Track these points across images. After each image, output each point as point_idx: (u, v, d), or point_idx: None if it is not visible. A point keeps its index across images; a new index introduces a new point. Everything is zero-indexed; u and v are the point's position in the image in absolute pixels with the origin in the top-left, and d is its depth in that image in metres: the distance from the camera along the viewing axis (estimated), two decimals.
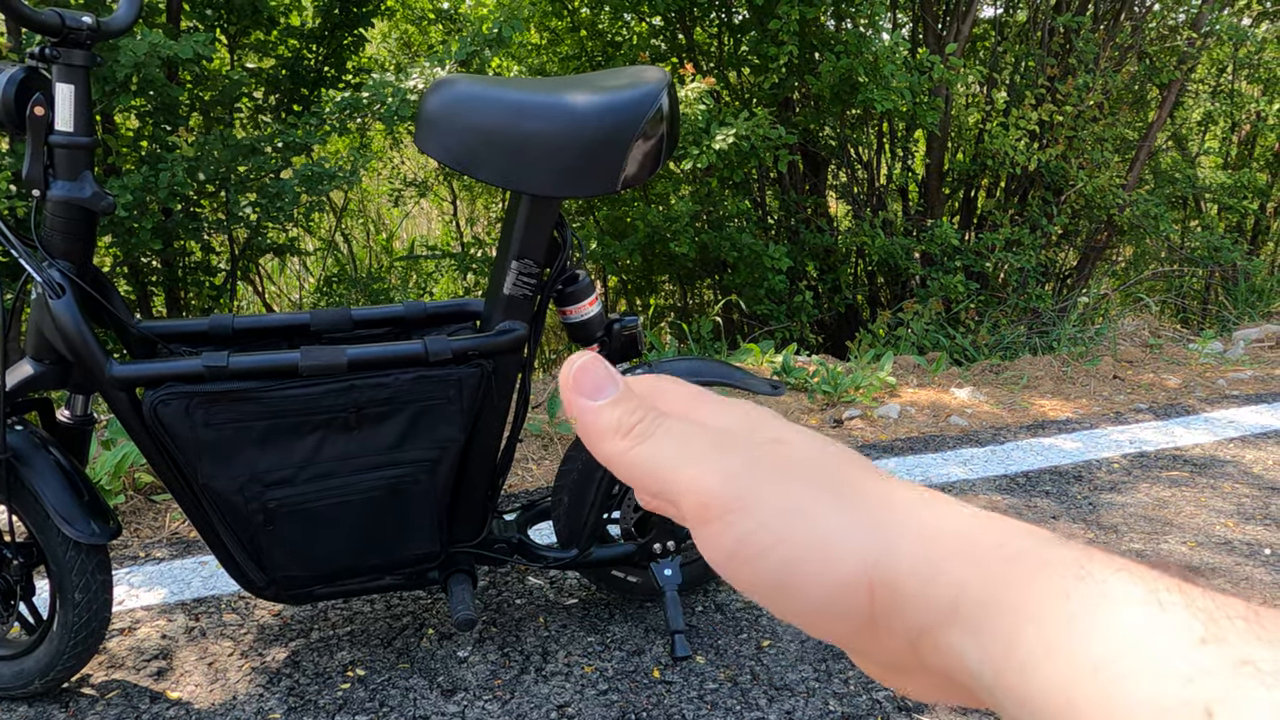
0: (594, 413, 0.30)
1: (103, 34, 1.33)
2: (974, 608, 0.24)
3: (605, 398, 0.30)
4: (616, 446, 0.29)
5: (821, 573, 0.26)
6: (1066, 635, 0.22)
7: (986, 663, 0.23)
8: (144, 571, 2.02)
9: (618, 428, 0.29)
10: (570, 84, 1.49)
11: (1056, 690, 0.22)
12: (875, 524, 0.26)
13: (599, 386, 0.30)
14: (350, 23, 4.46)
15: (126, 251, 3.53)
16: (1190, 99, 6.64)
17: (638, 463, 0.29)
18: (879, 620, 0.26)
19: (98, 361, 1.36)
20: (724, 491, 0.27)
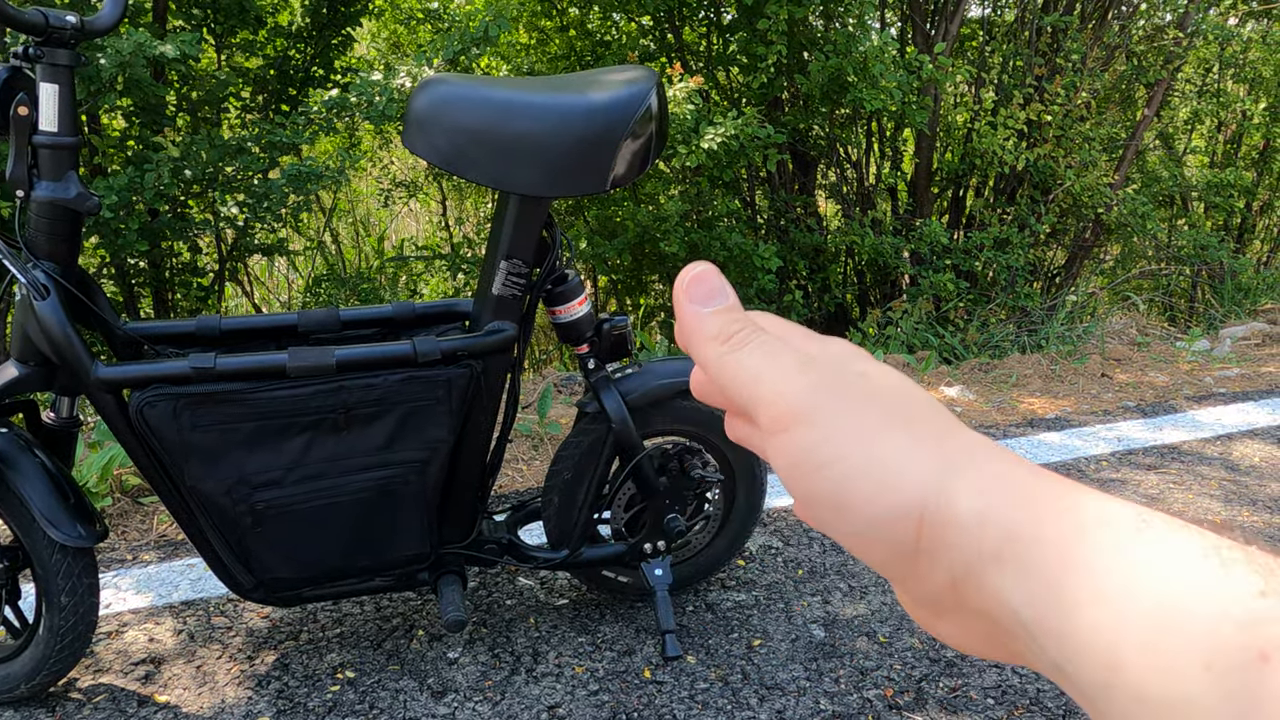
0: (700, 318, 0.32)
1: (87, 33, 1.32)
2: (1023, 550, 0.24)
3: (713, 306, 0.32)
4: (714, 350, 0.31)
5: (876, 495, 0.27)
6: (1120, 582, 0.22)
7: (1030, 605, 0.24)
8: (131, 574, 2.01)
9: (718, 334, 0.31)
10: (559, 83, 1.49)
11: (1103, 631, 0.22)
12: (937, 460, 0.27)
13: (710, 294, 0.32)
14: (338, 22, 4.45)
15: (113, 253, 3.51)
16: (1177, 98, 6.68)
17: (729, 368, 0.31)
18: (923, 553, 0.27)
19: (83, 363, 1.35)
20: (799, 403, 0.29)
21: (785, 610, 1.91)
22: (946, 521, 0.26)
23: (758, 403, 0.30)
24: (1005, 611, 0.25)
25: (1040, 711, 1.62)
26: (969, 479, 0.26)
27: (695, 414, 1.76)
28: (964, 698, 1.66)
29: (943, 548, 0.26)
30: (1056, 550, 0.24)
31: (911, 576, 0.28)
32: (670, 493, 1.74)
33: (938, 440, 0.28)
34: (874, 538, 0.27)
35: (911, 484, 0.27)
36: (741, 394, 0.30)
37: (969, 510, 0.26)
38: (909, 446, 0.27)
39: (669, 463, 1.74)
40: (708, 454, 1.78)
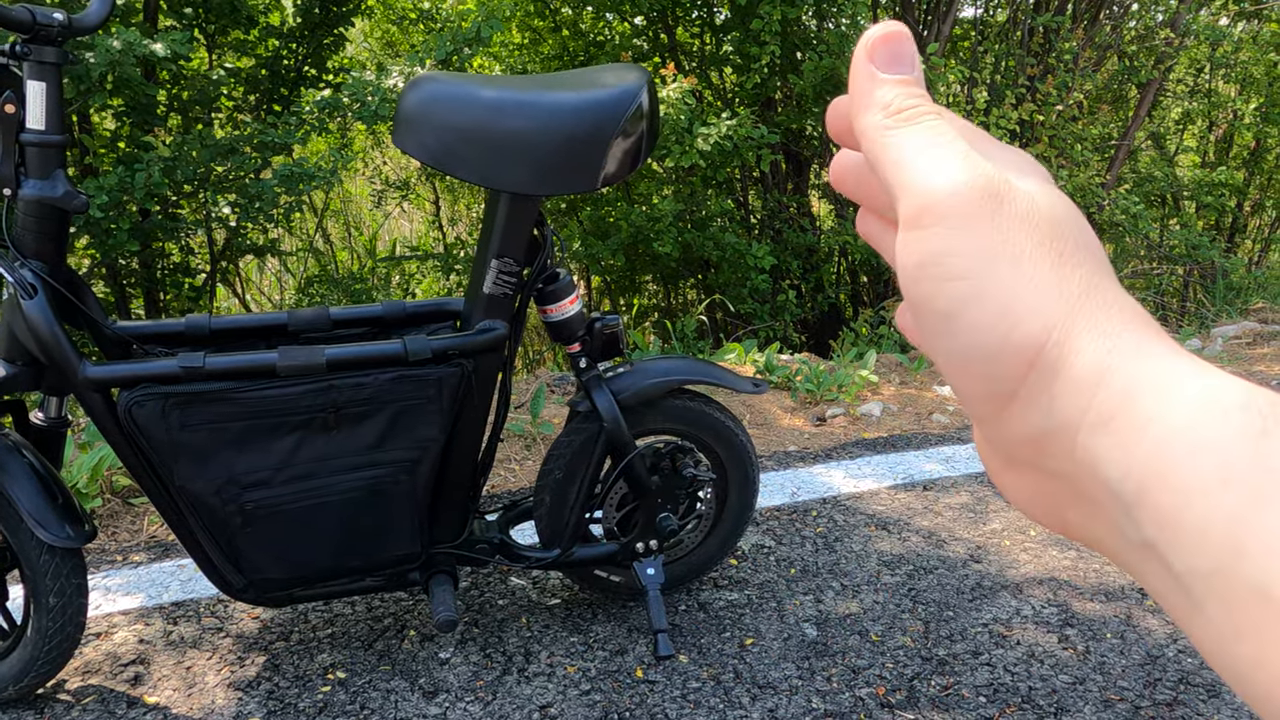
0: (875, 80, 0.29)
1: (75, 31, 1.31)
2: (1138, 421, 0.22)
3: (894, 75, 0.29)
4: (878, 120, 0.28)
5: (994, 324, 0.25)
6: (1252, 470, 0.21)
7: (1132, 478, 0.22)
8: (121, 575, 2.00)
9: (889, 103, 0.28)
10: (550, 82, 1.49)
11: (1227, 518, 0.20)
12: (1072, 305, 0.25)
13: (895, 60, 0.29)
14: (330, 22, 4.44)
15: (104, 253, 3.49)
16: (1169, 98, 6.70)
17: (888, 144, 0.28)
18: (1023, 396, 0.25)
19: (71, 363, 1.35)
20: (948, 202, 0.26)
21: (777, 609, 1.91)
22: (1060, 372, 0.24)
23: (904, 188, 0.27)
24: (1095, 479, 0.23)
25: (1032, 709, 1.62)
26: (1101, 335, 0.24)
27: (687, 413, 1.75)
28: (956, 696, 1.66)
29: (1045, 397, 0.25)
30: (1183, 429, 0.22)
31: (999, 418, 0.26)
32: (662, 492, 1.74)
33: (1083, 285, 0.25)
34: (976, 367, 0.26)
35: (1035, 323, 0.25)
36: (890, 175, 0.28)
37: (1089, 366, 0.24)
38: (1046, 283, 0.25)
39: (661, 462, 1.74)
40: (700, 453, 1.78)
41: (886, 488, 2.53)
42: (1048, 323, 0.25)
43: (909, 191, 0.27)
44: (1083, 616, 1.90)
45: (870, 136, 0.28)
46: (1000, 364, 0.25)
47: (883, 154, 0.28)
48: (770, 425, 3.02)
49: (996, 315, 0.25)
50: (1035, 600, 1.96)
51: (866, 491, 2.50)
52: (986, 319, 0.25)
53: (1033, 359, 0.25)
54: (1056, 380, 0.24)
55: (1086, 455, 0.23)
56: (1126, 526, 0.23)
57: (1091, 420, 0.23)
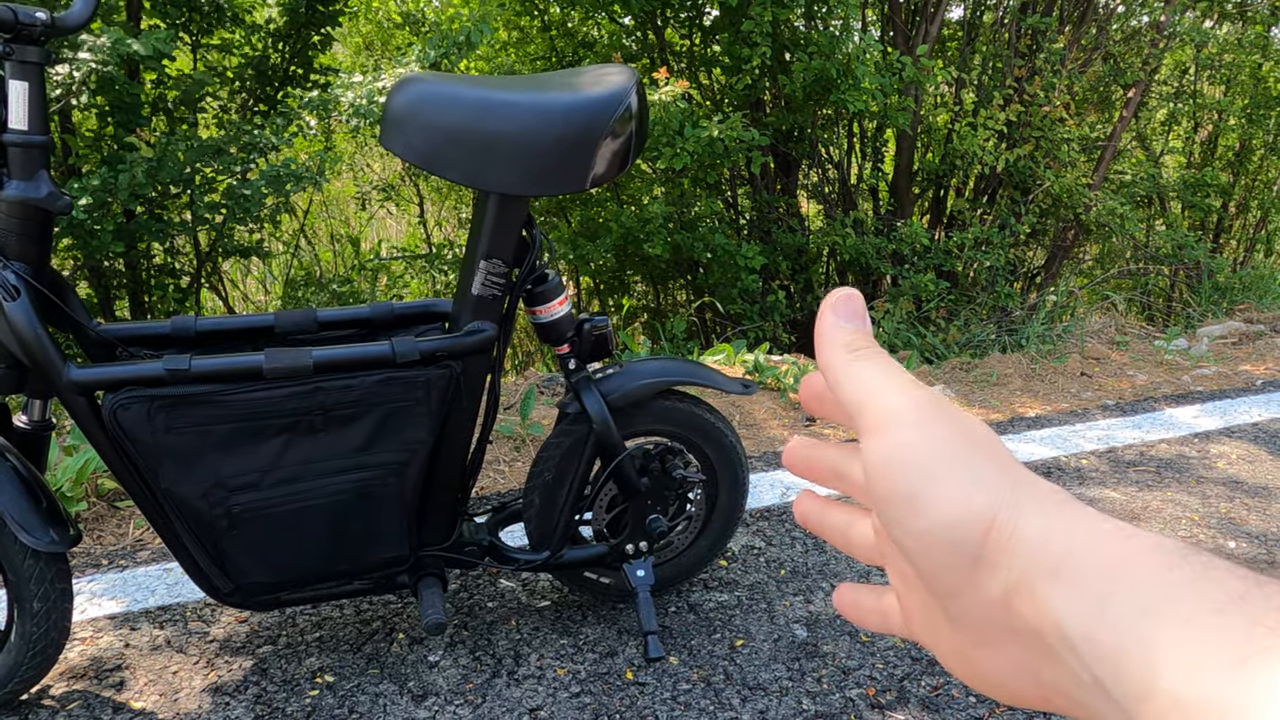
0: (838, 327, 0.36)
1: (58, 30, 1.30)
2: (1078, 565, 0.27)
3: (851, 324, 0.36)
4: (842, 356, 0.35)
5: (955, 497, 0.30)
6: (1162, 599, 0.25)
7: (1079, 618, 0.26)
8: (106, 579, 1.98)
9: (848, 344, 0.36)
10: (538, 82, 1.48)
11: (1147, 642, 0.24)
12: (1015, 482, 0.30)
13: (852, 314, 0.37)
14: (317, 22, 4.41)
15: (88, 254, 3.46)
16: (1154, 99, 6.74)
17: (850, 371, 0.35)
18: (985, 561, 0.29)
19: (55, 365, 1.33)
20: (903, 411, 0.32)
21: (768, 610, 1.91)
22: (1013, 533, 0.29)
23: (866, 406, 0.34)
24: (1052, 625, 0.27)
25: (1020, 709, 1.62)
26: (1037, 503, 0.29)
27: (677, 414, 1.75)
28: (946, 696, 1.66)
29: (1005, 556, 0.29)
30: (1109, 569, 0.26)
31: (967, 586, 0.30)
32: (652, 493, 1.74)
33: (1013, 471, 0.31)
34: (942, 538, 0.30)
35: (988, 495, 0.30)
36: (854, 395, 0.34)
37: (1035, 527, 0.29)
38: (990, 468, 0.31)
39: (651, 463, 1.73)
40: (689, 454, 1.77)
41: None
42: (997, 496, 0.30)
43: (872, 407, 0.33)
44: None
45: (835, 367, 0.35)
46: (964, 531, 0.30)
47: (847, 380, 0.35)
48: (759, 426, 3.02)
49: (957, 491, 0.30)
50: None
51: None
52: (949, 494, 0.30)
53: (990, 524, 0.29)
54: (1012, 540, 0.29)
55: (1044, 603, 0.27)
56: (1080, 668, 0.26)
57: (1043, 572, 0.28)
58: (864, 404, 0.34)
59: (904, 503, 0.31)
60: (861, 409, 0.34)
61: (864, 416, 0.34)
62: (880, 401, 0.33)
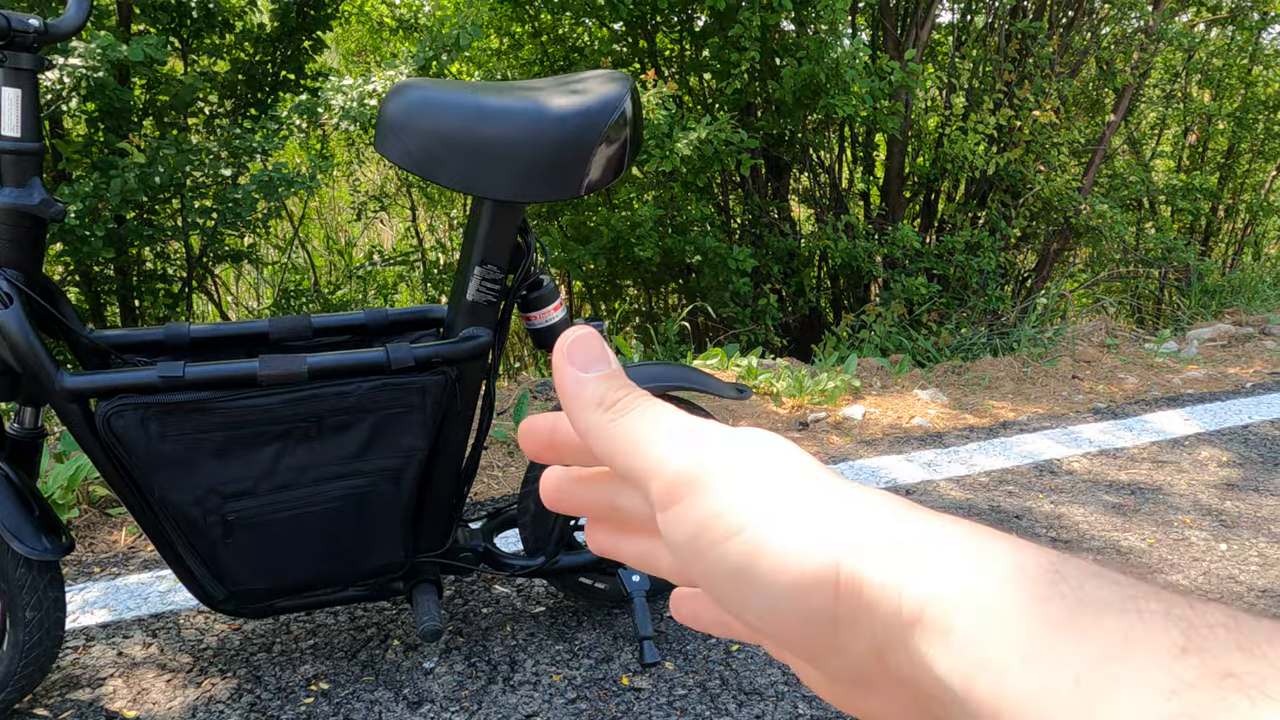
0: (581, 383, 0.30)
1: (50, 37, 1.30)
2: (944, 611, 0.23)
3: (596, 372, 0.30)
4: (597, 418, 0.29)
5: (787, 563, 0.25)
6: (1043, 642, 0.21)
7: (956, 670, 0.22)
8: (99, 587, 1.97)
9: (601, 400, 0.29)
10: (533, 88, 1.48)
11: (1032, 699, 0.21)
12: (847, 520, 0.25)
13: (592, 360, 0.30)
14: (307, 26, 4.41)
15: (78, 260, 3.45)
16: (1144, 103, 6.78)
17: (614, 436, 0.29)
18: (843, 622, 0.25)
19: (47, 373, 1.32)
20: (692, 469, 0.27)
21: None
22: (863, 583, 0.24)
23: (647, 473, 0.28)
24: (933, 679, 0.23)
25: None
26: (879, 537, 0.25)
27: None
28: None
29: (864, 611, 0.24)
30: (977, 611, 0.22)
31: (832, 650, 0.25)
32: None
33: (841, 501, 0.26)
34: (787, 611, 0.25)
35: (823, 544, 0.25)
36: (628, 465, 0.28)
37: (883, 573, 0.24)
38: (815, 507, 0.26)
39: None
40: None
41: None
42: (832, 541, 0.25)
43: (655, 474, 0.27)
44: None
45: (595, 433, 0.29)
46: (809, 598, 0.25)
47: (613, 445, 0.29)
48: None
49: (786, 553, 0.25)
50: None
51: None
52: (779, 560, 0.25)
53: (835, 580, 0.25)
54: (864, 594, 0.24)
55: (918, 655, 0.23)
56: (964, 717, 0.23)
57: (906, 623, 0.23)
58: (645, 470, 0.28)
59: (729, 581, 0.26)
60: (644, 476, 0.28)
61: (650, 485, 0.28)
62: (663, 463, 0.27)
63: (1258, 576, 2.13)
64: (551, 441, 0.33)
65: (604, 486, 0.33)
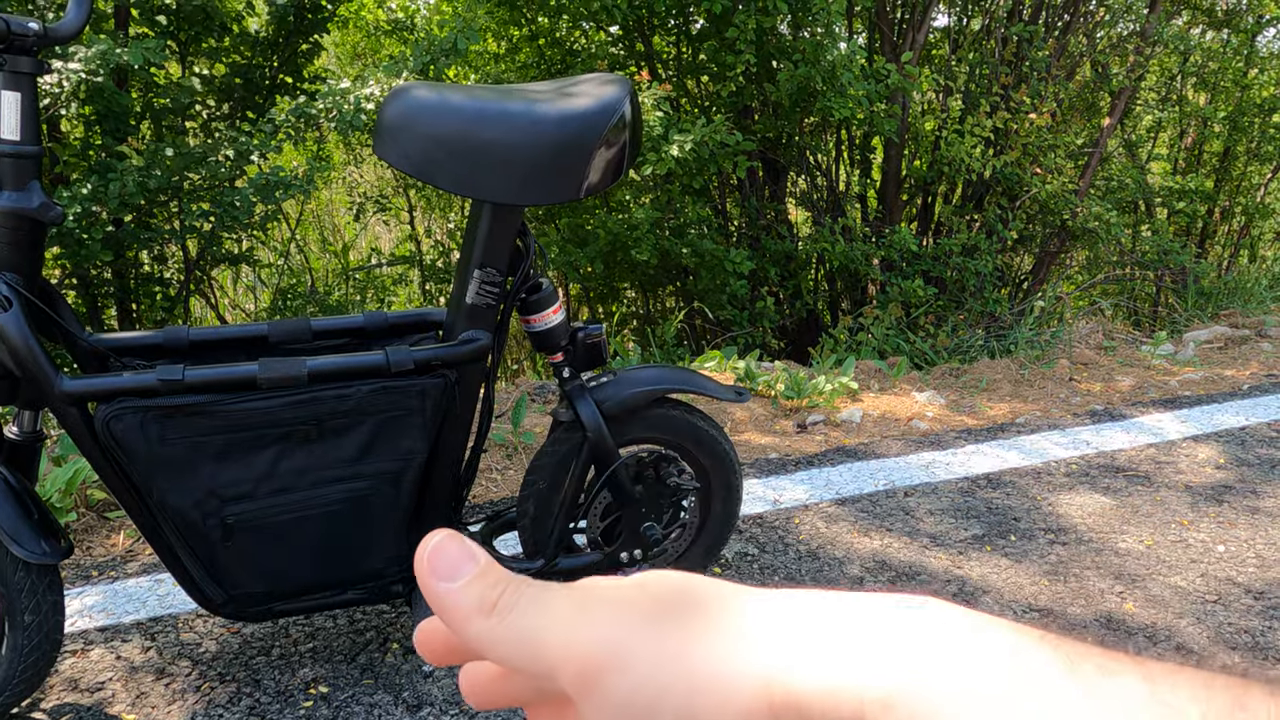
0: (454, 594, 0.27)
1: (50, 40, 1.30)
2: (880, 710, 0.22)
3: (464, 577, 0.27)
4: (482, 625, 0.27)
5: (723, 708, 0.24)
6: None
7: None
8: (97, 591, 1.97)
9: (480, 605, 0.27)
10: (532, 91, 1.48)
11: None
12: (763, 640, 0.24)
13: (455, 566, 0.28)
14: (304, 30, 4.41)
15: (76, 263, 3.45)
16: (1140, 106, 6.79)
17: (507, 639, 0.26)
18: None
19: (47, 376, 1.32)
20: (596, 652, 0.25)
21: None
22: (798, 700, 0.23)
23: (554, 668, 0.26)
24: None
25: None
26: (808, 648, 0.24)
27: (670, 422, 1.75)
28: None
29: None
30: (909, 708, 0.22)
31: None
32: (646, 501, 1.74)
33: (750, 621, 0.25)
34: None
35: (748, 676, 0.24)
36: (532, 665, 0.26)
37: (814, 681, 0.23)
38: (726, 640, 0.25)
39: (644, 471, 1.73)
40: (683, 461, 1.78)
41: (867, 494, 2.54)
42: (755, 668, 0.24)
43: (562, 669, 0.26)
44: (1062, 621, 1.91)
45: (488, 643, 0.27)
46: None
47: (510, 650, 0.27)
48: (751, 433, 3.03)
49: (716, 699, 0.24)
50: (1016, 606, 1.97)
51: (848, 498, 2.51)
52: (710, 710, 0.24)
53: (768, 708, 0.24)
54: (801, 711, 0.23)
55: None
56: None
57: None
58: (551, 667, 0.26)
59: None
60: (552, 672, 0.26)
61: (560, 678, 0.26)
62: (564, 650, 0.26)
63: (1255, 578, 2.13)
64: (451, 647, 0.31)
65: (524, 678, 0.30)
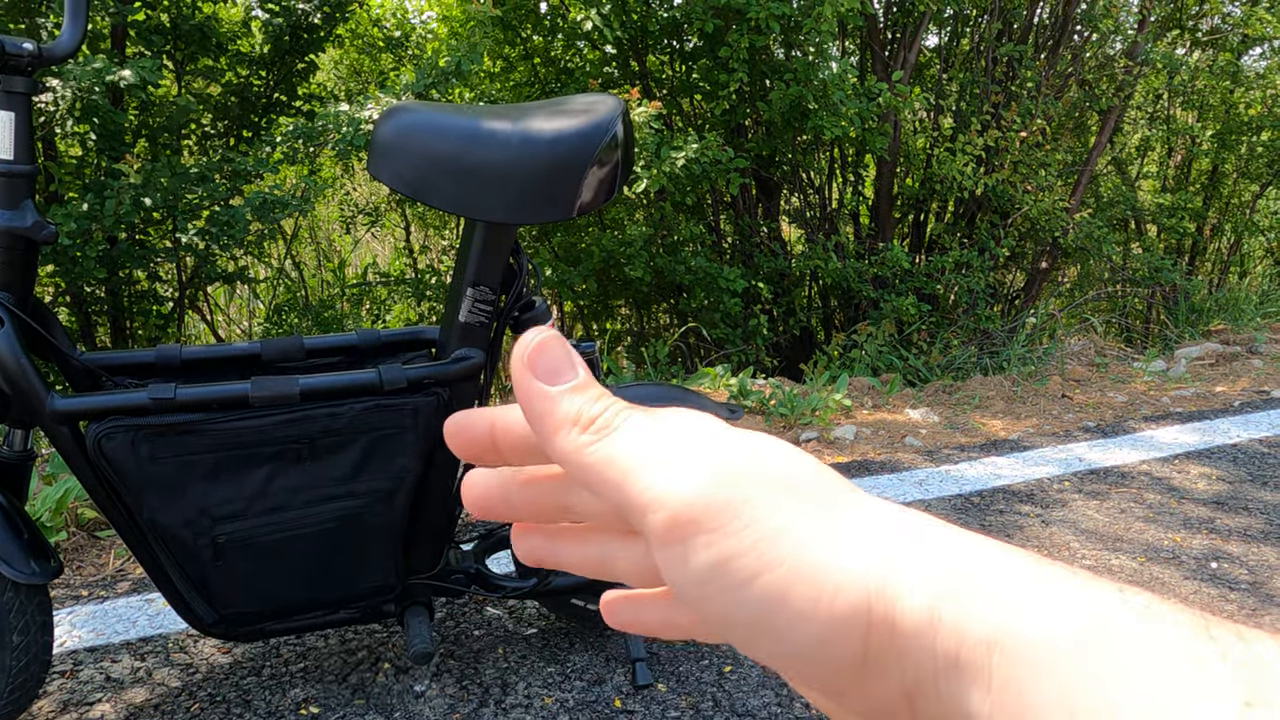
0: (551, 399, 0.25)
1: (45, 60, 1.30)
2: (982, 653, 0.21)
3: (565, 383, 0.25)
4: (574, 441, 0.25)
5: (815, 606, 0.22)
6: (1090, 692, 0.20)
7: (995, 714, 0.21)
8: (87, 611, 1.95)
9: (577, 418, 0.25)
10: (524, 110, 1.49)
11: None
12: (878, 549, 0.23)
13: (557, 370, 0.26)
14: (300, 49, 4.43)
15: (70, 281, 3.44)
16: (1128, 125, 6.85)
17: (596, 462, 0.24)
18: (872, 661, 0.23)
19: (38, 395, 1.32)
20: (696, 505, 0.23)
21: None
22: (895, 624, 0.22)
23: (642, 505, 0.24)
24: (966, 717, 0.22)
25: None
26: (914, 570, 0.23)
27: None
28: None
29: (894, 655, 0.22)
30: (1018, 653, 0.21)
31: (857, 690, 0.23)
32: None
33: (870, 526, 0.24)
34: (818, 656, 0.23)
35: (855, 582, 0.22)
36: (615, 494, 0.24)
37: (918, 609, 0.22)
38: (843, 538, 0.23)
39: None
40: None
41: None
42: (864, 575, 0.23)
43: (652, 506, 0.24)
44: None
45: (574, 459, 0.25)
46: (838, 643, 0.23)
47: (596, 473, 0.25)
48: None
49: (814, 594, 0.23)
50: None
51: None
52: (804, 606, 0.23)
53: (866, 622, 0.22)
54: (897, 634, 0.22)
55: (951, 698, 0.22)
56: None
57: (942, 666, 0.22)
58: (642, 503, 0.24)
59: (747, 626, 0.23)
60: (641, 509, 0.24)
61: (647, 518, 0.24)
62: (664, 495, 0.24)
63: (1248, 594, 2.13)
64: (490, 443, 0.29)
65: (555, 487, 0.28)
